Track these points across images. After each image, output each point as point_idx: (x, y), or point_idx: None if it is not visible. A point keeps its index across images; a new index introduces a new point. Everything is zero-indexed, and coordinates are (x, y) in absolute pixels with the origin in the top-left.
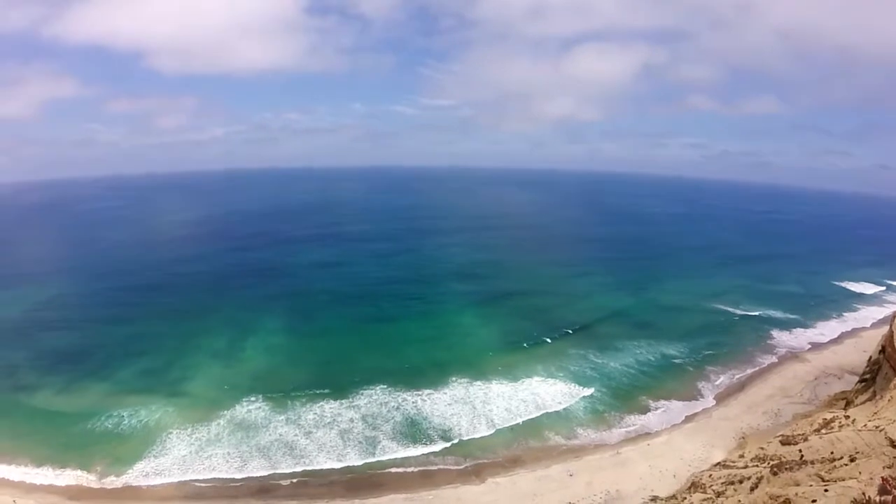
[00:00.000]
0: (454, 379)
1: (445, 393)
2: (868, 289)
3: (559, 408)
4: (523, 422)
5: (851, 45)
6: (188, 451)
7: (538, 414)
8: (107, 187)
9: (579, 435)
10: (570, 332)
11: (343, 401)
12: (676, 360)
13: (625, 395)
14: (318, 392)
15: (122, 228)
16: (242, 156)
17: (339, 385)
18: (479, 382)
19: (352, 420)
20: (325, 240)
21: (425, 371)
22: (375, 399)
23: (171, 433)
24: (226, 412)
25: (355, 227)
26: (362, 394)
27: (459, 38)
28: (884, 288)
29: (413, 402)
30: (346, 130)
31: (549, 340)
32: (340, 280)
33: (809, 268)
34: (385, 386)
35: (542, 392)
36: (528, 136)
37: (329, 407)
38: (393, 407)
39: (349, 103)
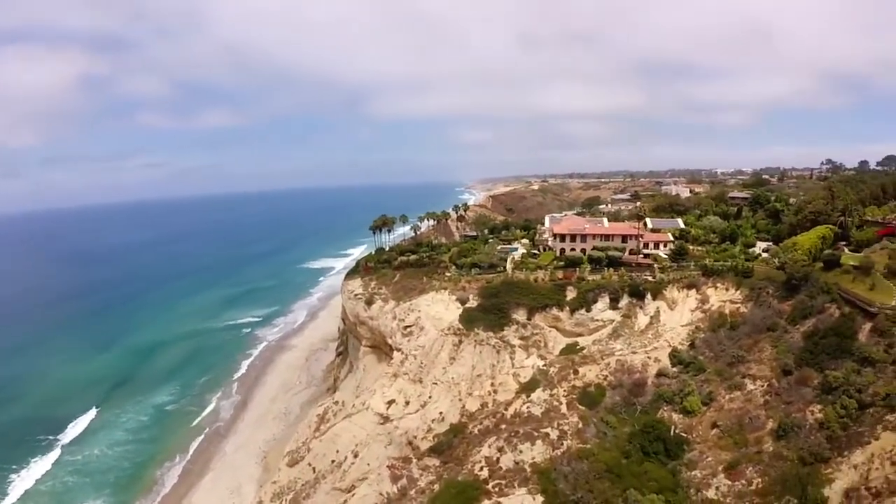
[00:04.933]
0: None
1: None
2: (328, 263)
3: None
4: None
5: (289, 62)
6: None
7: None
8: None
9: None
10: (29, 438)
11: None
12: (171, 407)
13: (126, 484)
14: None
15: None
16: None
17: None
18: None
19: None
20: None
21: None
22: None
23: None
24: None
25: None
26: None
27: None
28: (344, 259)
29: None
30: None
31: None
32: None
33: (277, 259)
34: None
35: None
36: None
37: None
38: None
39: None
